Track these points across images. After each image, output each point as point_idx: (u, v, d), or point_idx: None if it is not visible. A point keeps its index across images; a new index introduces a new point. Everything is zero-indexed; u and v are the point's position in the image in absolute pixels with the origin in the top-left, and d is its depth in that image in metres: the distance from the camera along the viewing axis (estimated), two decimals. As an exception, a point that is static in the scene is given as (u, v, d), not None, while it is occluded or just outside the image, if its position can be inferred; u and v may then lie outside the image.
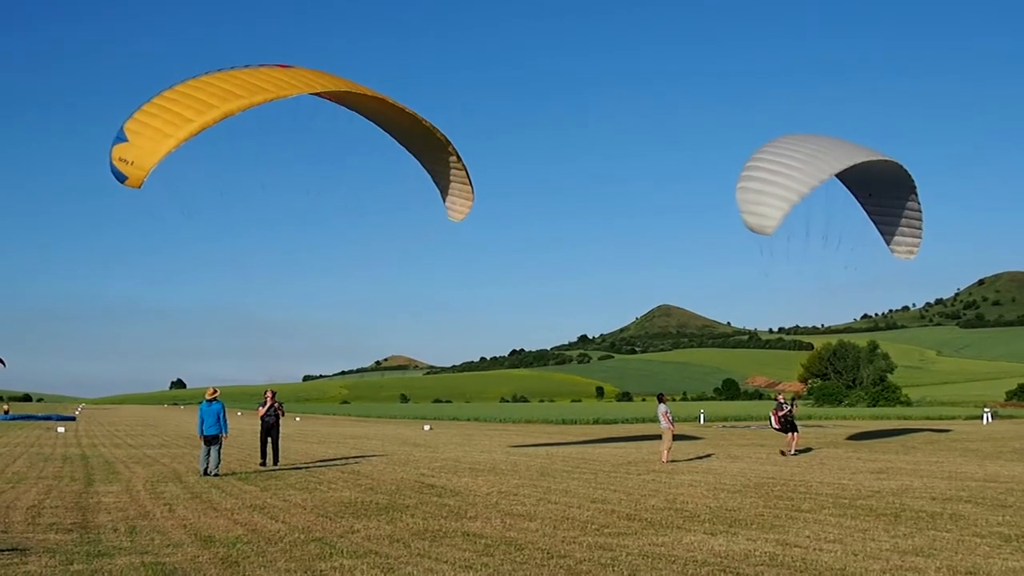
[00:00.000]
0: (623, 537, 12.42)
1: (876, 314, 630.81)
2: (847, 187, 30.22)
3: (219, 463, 22.32)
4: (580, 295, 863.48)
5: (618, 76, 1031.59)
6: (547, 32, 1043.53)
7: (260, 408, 25.67)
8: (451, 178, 27.40)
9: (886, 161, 28.02)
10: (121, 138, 19.53)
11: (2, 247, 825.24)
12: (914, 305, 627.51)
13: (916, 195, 29.86)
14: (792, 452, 29.03)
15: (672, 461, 25.82)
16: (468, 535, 12.65)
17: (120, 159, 19.31)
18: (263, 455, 25.65)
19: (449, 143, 26.01)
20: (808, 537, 12.36)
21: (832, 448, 32.81)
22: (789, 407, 29.68)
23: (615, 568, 10.22)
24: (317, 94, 23.06)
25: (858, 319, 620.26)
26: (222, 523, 14.00)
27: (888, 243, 31.08)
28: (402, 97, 23.88)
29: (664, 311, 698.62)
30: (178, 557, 10.98)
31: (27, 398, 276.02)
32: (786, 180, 25.24)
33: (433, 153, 26.72)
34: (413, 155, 27.09)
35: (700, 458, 28.07)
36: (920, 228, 30.76)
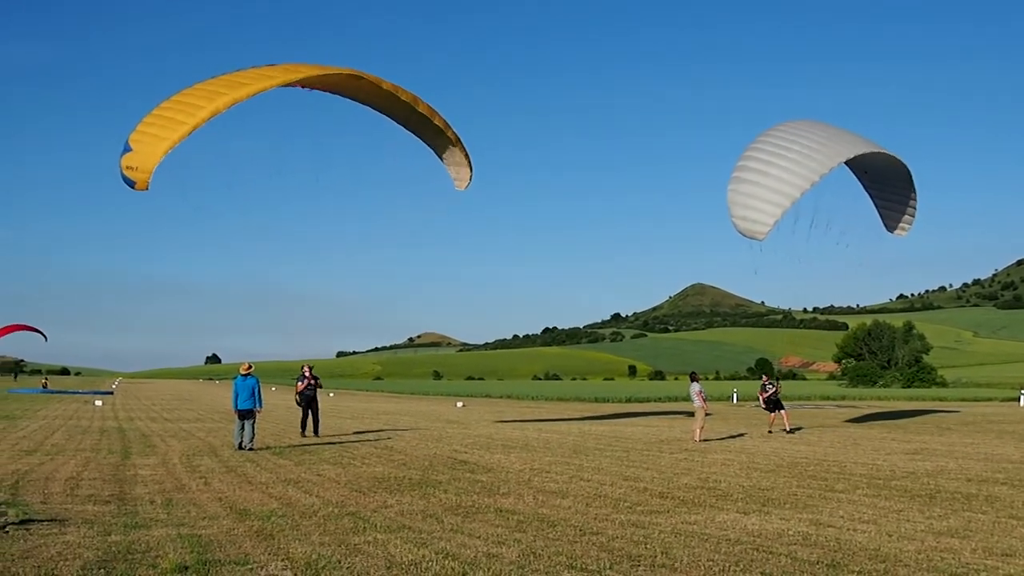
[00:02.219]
0: (656, 515, 12.43)
1: (912, 294, 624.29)
2: (844, 164, 30.27)
3: (253, 437, 22.53)
4: (613, 273, 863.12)
5: (653, 53, 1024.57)
6: (591, 7, 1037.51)
7: (299, 383, 27.26)
8: (448, 148, 28.63)
9: (883, 154, 28.09)
10: (127, 149, 21.56)
11: (42, 223, 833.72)
12: (951, 285, 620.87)
13: (911, 180, 30.13)
14: (787, 429, 29.92)
15: (705, 440, 25.77)
16: (501, 511, 12.69)
17: (127, 167, 21.42)
18: (304, 427, 27.24)
19: (436, 113, 26.97)
20: (842, 517, 12.31)
21: (865, 428, 32.61)
22: (774, 388, 30.86)
23: (648, 546, 10.22)
24: (303, 83, 24.34)
25: (894, 299, 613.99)
26: (257, 496, 14.13)
27: (882, 217, 31.50)
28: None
29: (698, 290, 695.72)
30: (214, 529, 11.10)
31: (65, 372, 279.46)
32: (778, 183, 25.14)
33: (424, 126, 27.62)
34: (410, 131, 28.00)
35: (733, 437, 28.00)
36: (914, 208, 31.09)
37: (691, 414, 29.20)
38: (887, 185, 30.75)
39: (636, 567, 9.20)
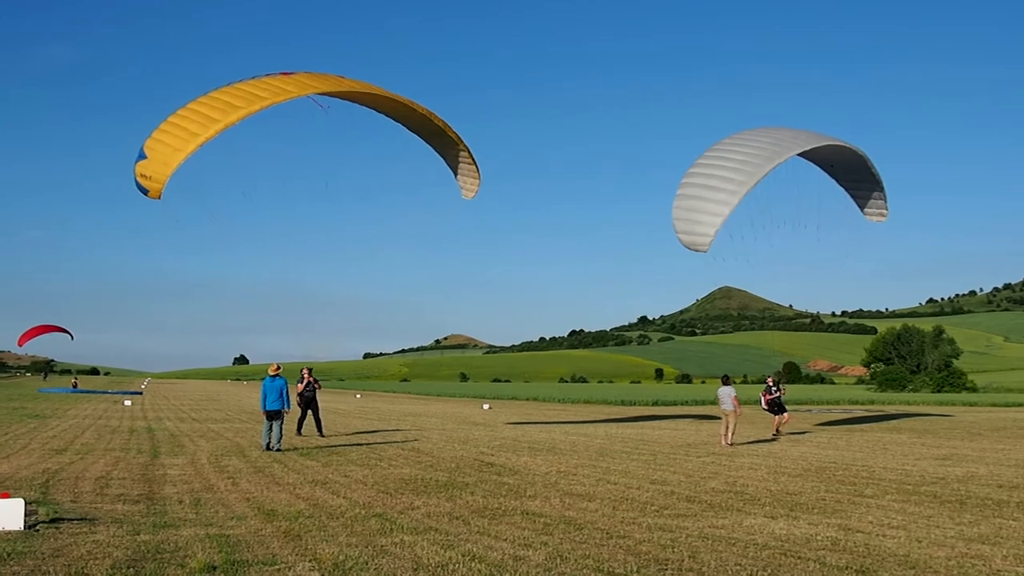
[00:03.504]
0: (683, 519, 12.39)
1: (942, 298, 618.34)
2: (813, 163, 30.97)
3: (281, 438, 22.64)
4: (640, 276, 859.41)
5: (679, 55, 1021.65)
6: (622, 10, 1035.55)
7: (299, 384, 28.33)
8: (459, 159, 29.06)
9: (832, 145, 28.91)
10: (141, 156, 21.80)
11: (73, 224, 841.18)
12: (981, 290, 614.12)
13: (869, 163, 30.54)
14: (776, 432, 29.80)
15: (732, 444, 25.67)
16: (527, 514, 12.69)
17: (141, 175, 21.75)
18: (299, 427, 28.15)
19: (448, 127, 27.40)
20: (871, 523, 12.22)
21: (894, 433, 32.39)
22: (778, 390, 30.70)
23: (675, 549, 10.19)
24: (322, 94, 24.48)
25: (923, 303, 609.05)
26: (284, 497, 14.19)
27: (859, 207, 32.30)
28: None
29: (725, 293, 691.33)
30: (242, 529, 11.15)
31: (95, 371, 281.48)
32: (716, 193, 26.01)
33: (436, 137, 27.94)
34: (423, 140, 28.22)
35: (760, 441, 27.88)
36: (881, 192, 31.72)
37: (716, 417, 29.07)
38: (853, 176, 31.55)
39: (663, 571, 9.16)
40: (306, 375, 28.03)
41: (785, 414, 30.66)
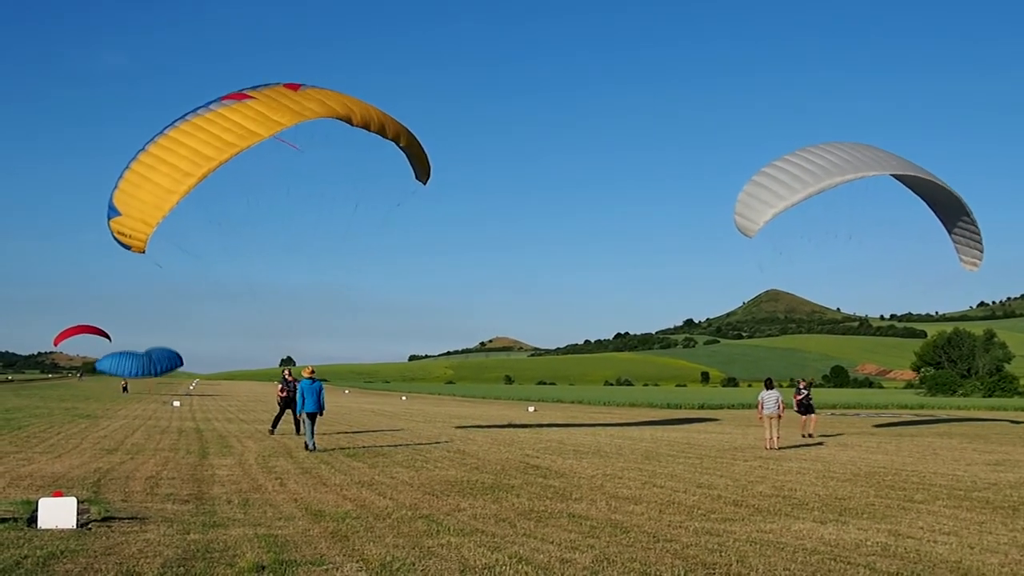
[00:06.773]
0: (730, 523, 12.30)
1: (993, 302, 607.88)
2: (914, 192, 30.94)
3: (312, 436, 22.96)
4: (686, 279, 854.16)
5: (726, 64, 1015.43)
6: (670, 16, 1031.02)
7: (283, 389, 29.32)
8: (418, 155, 27.65)
9: (924, 179, 28.94)
10: (114, 212, 20.86)
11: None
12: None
13: (967, 211, 30.32)
14: (808, 434, 30.74)
15: (780, 448, 25.45)
16: (573, 516, 12.67)
17: (119, 232, 20.91)
18: (274, 426, 29.30)
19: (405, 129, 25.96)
20: (922, 528, 12.07)
21: (944, 438, 31.96)
22: (806, 392, 31.81)
23: (722, 554, 10.12)
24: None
25: (975, 307, 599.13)
26: (332, 498, 14.27)
27: (956, 251, 32.16)
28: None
29: (772, 296, 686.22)
30: (290, 530, 11.23)
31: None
32: (782, 188, 26.32)
33: (405, 139, 27.06)
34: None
35: (808, 446, 27.63)
36: (978, 241, 31.33)
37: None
38: (949, 218, 31.34)
39: (711, 575, 9.11)
40: (288, 376, 28.68)
41: (813, 415, 31.51)
